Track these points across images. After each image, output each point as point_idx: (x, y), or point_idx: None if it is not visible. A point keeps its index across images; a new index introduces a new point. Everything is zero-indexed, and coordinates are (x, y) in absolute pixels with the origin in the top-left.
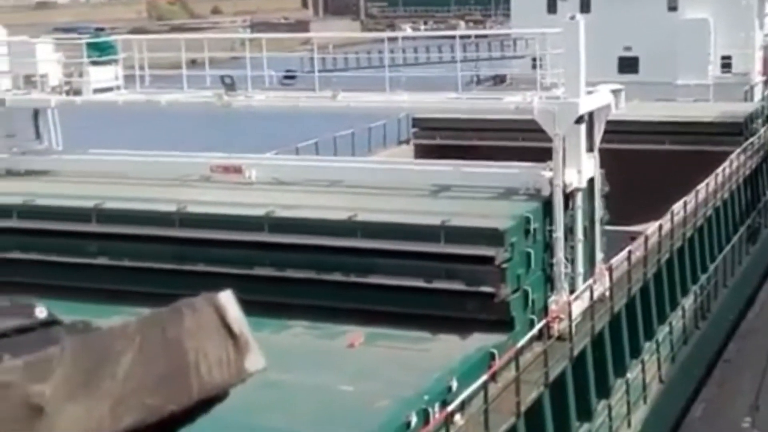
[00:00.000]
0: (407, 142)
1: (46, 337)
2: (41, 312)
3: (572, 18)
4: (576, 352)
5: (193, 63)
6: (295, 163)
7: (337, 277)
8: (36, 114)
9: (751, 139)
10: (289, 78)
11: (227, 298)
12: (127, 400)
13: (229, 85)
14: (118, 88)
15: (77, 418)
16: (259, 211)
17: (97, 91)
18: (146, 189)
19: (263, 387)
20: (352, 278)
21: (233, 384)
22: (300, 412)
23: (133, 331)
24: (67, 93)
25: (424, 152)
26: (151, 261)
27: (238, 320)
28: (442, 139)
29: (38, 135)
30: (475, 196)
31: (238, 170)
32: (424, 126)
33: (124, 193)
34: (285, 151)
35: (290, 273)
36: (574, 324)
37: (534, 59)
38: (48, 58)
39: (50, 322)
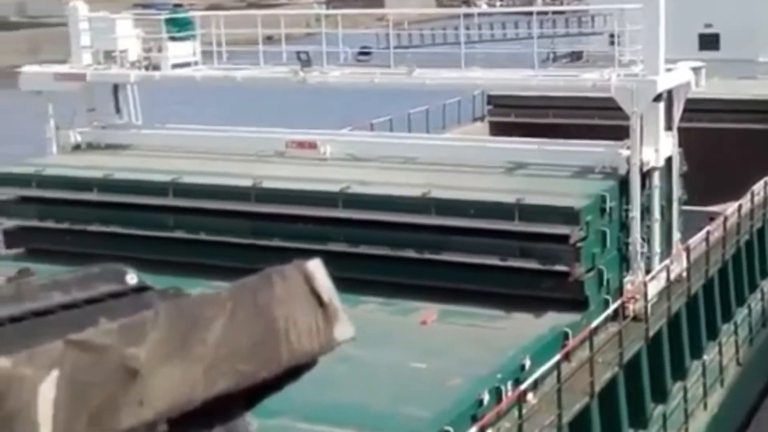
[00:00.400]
0: (482, 119)
1: (138, 302)
2: (132, 278)
3: None
4: (651, 333)
5: (269, 39)
6: (369, 139)
7: (411, 253)
8: (116, 89)
9: None
10: (364, 54)
11: (316, 267)
12: (220, 366)
13: (305, 61)
14: (195, 63)
15: (171, 381)
16: (334, 187)
17: (175, 66)
18: (222, 164)
19: (336, 361)
20: (426, 255)
21: (322, 352)
22: (373, 388)
23: (225, 298)
24: (146, 68)
25: (498, 129)
26: (227, 235)
27: (328, 289)
28: (517, 117)
29: (118, 109)
30: (550, 174)
31: (313, 146)
32: (499, 103)
33: (201, 168)
34: (359, 128)
35: (364, 249)
36: (649, 304)
37: (612, 36)
38: (128, 34)
39: (142, 288)
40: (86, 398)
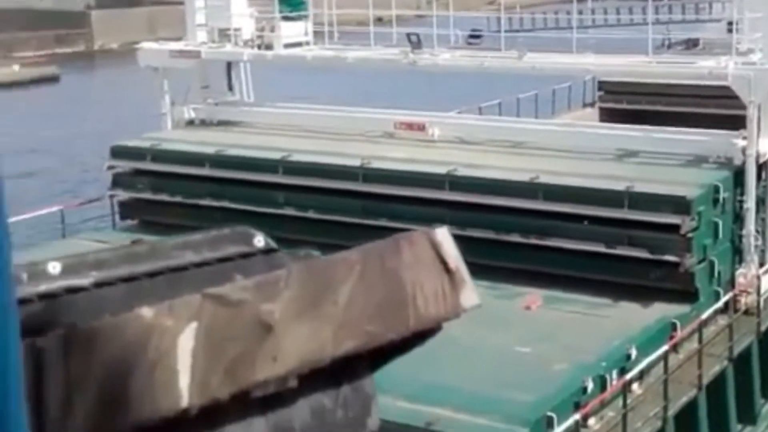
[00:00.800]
0: (592, 105)
1: (270, 261)
2: (259, 241)
3: None
4: (763, 328)
5: (379, 20)
6: (477, 122)
7: (517, 238)
8: (229, 66)
9: None
10: (474, 37)
11: (444, 235)
12: (348, 326)
13: (416, 43)
14: (307, 43)
15: (302, 339)
16: (441, 169)
17: (287, 45)
18: (332, 143)
19: (440, 343)
20: (532, 240)
21: (447, 318)
22: (476, 371)
23: (354, 260)
24: (259, 47)
25: (609, 116)
26: (335, 214)
27: (454, 256)
28: (628, 104)
29: (231, 87)
30: (661, 162)
31: (421, 128)
32: (610, 89)
33: (311, 147)
34: (468, 111)
35: (469, 232)
36: (762, 298)
37: (730, 23)
38: (242, 13)
39: (269, 250)
40: (223, 350)
